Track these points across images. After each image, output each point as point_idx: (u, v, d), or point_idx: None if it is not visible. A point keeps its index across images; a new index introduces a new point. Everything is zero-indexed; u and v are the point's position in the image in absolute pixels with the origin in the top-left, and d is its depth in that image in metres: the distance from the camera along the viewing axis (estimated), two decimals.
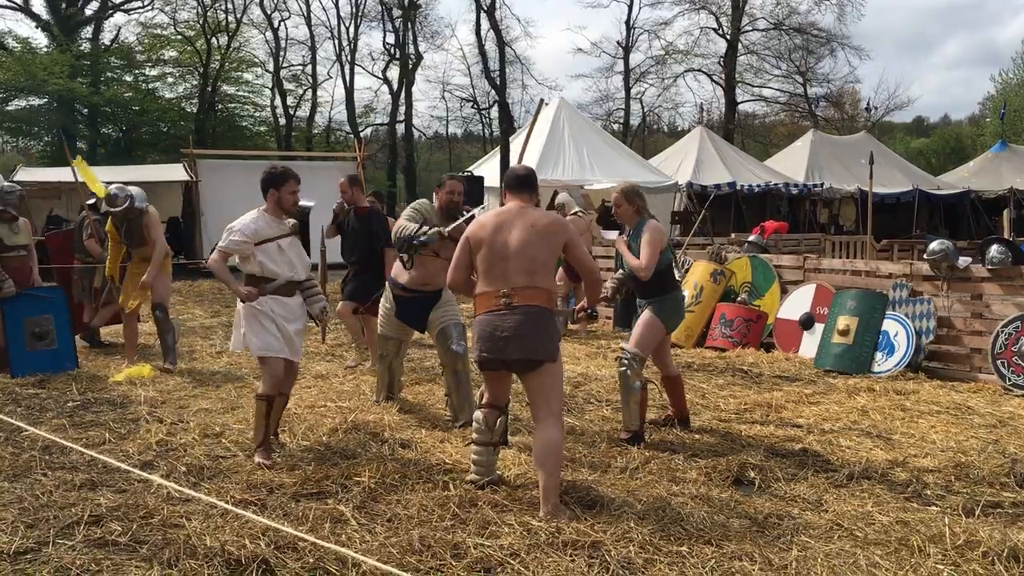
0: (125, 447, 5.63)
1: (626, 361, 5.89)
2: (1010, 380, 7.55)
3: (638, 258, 5.86)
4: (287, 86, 43.09)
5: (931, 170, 33.42)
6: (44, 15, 36.88)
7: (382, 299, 6.82)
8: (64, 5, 36.78)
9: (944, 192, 26.56)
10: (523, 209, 4.69)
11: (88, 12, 38.42)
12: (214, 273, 5.51)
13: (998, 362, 7.68)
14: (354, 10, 42.99)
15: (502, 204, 4.87)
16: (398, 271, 6.40)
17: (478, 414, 4.85)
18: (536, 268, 4.55)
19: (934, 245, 8.57)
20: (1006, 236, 11.47)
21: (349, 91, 42.98)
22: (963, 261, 8.36)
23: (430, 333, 6.52)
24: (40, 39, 37.19)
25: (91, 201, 9.65)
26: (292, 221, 5.64)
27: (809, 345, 9.10)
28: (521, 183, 4.81)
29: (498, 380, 4.82)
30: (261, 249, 5.42)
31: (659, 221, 6.13)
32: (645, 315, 6.00)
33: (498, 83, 44.22)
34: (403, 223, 6.17)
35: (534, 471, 5.07)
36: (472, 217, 5.98)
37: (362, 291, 8.31)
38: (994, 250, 8.18)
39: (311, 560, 3.79)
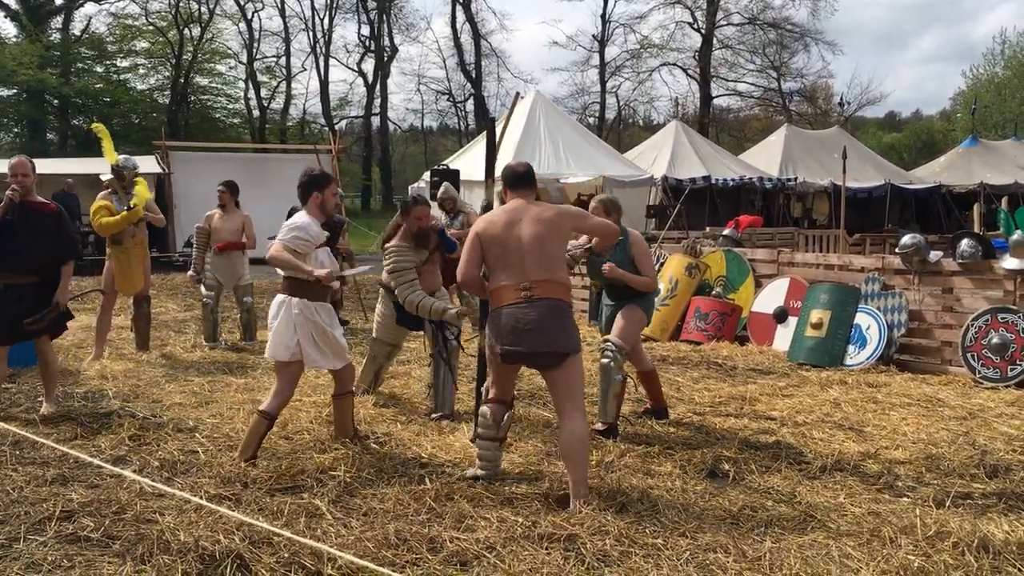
0: (97, 442, 5.58)
1: (610, 353, 5.91)
2: (980, 373, 7.65)
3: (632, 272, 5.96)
4: (261, 78, 42.89)
5: (903, 165, 33.65)
6: (13, 4, 36.40)
7: (378, 306, 6.76)
8: None
9: (916, 187, 26.80)
10: (528, 205, 4.73)
11: (58, 2, 37.99)
12: (277, 263, 5.13)
13: (968, 355, 7.77)
14: (329, 1, 42.86)
15: (503, 202, 4.90)
16: None
17: (484, 409, 4.84)
18: (552, 262, 4.58)
19: (906, 239, 8.65)
20: (976, 231, 11.61)
21: (324, 83, 42.88)
22: (934, 255, 8.45)
23: (425, 325, 6.43)
24: (9, 29, 36.79)
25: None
26: (325, 232, 5.47)
27: (783, 338, 9.17)
28: (521, 180, 4.84)
29: (509, 375, 4.81)
30: (318, 253, 5.25)
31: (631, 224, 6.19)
32: (629, 308, 6.03)
33: (474, 76, 44.21)
34: (405, 276, 6.07)
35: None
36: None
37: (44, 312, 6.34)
38: (964, 244, 8.27)
39: (286, 555, 3.77)
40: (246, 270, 9.53)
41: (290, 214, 6.72)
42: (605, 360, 5.92)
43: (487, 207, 6.36)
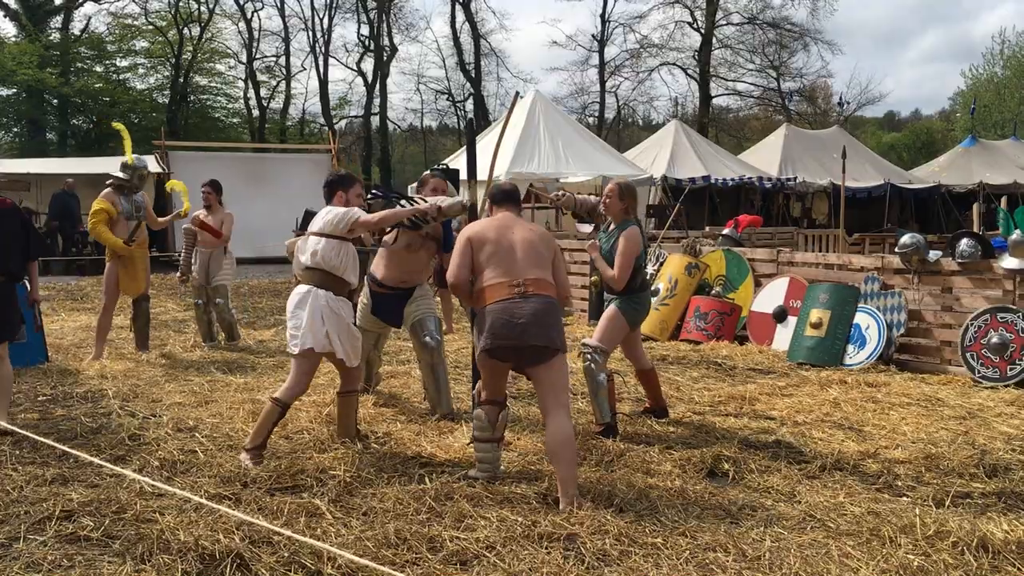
0: (97, 441, 5.58)
1: (589, 355, 5.94)
2: (979, 372, 7.65)
3: (611, 264, 5.96)
4: (260, 78, 42.79)
5: (902, 164, 33.61)
6: (13, 4, 36.39)
7: (361, 296, 6.79)
8: None
9: (915, 186, 26.80)
10: (516, 217, 4.93)
11: (58, 1, 37.96)
12: (385, 221, 5.42)
13: (968, 355, 7.77)
14: (328, 1, 42.78)
15: (489, 216, 5.04)
16: (375, 266, 6.39)
17: (479, 411, 4.87)
18: (543, 263, 4.71)
19: (905, 239, 8.65)
20: (976, 230, 11.60)
21: (323, 83, 42.75)
22: (933, 255, 8.45)
23: (404, 326, 6.51)
24: (9, 29, 36.76)
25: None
26: None
27: (782, 338, 9.16)
28: (508, 197, 5.04)
29: (498, 374, 4.84)
30: (320, 241, 5.31)
31: (641, 223, 6.19)
32: (609, 310, 6.08)
33: (473, 76, 44.16)
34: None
35: (546, 464, 5.09)
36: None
37: (11, 317, 6.00)
38: (964, 244, 8.27)
39: (286, 554, 3.77)
40: (222, 271, 9.50)
41: (305, 215, 6.80)
42: (586, 363, 5.97)
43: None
